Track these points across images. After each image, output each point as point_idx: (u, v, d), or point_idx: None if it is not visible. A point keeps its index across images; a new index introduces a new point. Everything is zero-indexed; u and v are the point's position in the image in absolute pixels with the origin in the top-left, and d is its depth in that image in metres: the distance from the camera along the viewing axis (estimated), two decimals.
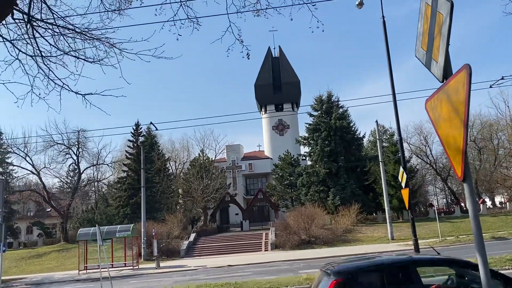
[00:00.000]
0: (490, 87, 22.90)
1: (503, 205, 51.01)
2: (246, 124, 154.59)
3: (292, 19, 7.02)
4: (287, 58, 66.79)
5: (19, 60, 5.93)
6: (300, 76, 67.10)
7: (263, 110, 66.13)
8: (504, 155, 50.29)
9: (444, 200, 71.81)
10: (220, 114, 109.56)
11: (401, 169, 17.32)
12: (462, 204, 48.94)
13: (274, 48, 68.48)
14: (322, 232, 35.48)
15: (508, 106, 53.85)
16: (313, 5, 6.64)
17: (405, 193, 16.98)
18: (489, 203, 54.38)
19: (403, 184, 17.21)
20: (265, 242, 37.22)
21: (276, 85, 64.83)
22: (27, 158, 47.33)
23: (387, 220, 34.59)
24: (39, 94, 6.13)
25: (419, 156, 54.64)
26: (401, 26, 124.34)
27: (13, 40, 5.78)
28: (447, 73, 3.26)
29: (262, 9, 6.55)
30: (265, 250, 35.33)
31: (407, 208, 17.01)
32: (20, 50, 5.83)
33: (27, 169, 49.23)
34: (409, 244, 27.14)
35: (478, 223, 3.03)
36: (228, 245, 37.50)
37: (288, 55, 68.16)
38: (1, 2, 4.16)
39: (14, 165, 49.90)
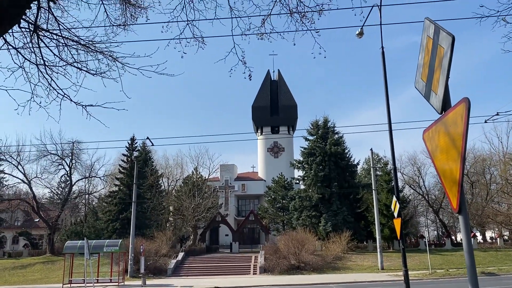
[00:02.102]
0: (485, 122, 23.16)
1: (494, 240, 50.91)
2: (241, 144, 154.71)
3: (295, 44, 7.14)
4: (286, 81, 67.48)
5: (23, 68, 5.97)
6: (297, 99, 67.76)
7: (259, 131, 66.34)
8: (496, 190, 50.46)
9: (435, 232, 71.60)
10: (216, 133, 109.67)
11: (394, 199, 17.28)
12: (453, 237, 48.80)
13: (274, 72, 69.26)
14: (312, 258, 35.13)
15: (501, 142, 54.57)
16: (316, 32, 6.76)
17: (397, 223, 16.90)
18: (479, 237, 54.23)
19: (395, 214, 17.15)
20: (254, 265, 36.76)
21: (273, 107, 65.28)
22: (19, 167, 46.93)
23: (378, 249, 34.33)
24: (40, 103, 6.14)
25: (411, 186, 54.73)
26: (398, 57, 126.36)
27: (18, 48, 5.82)
28: (446, 105, 3.32)
29: (266, 33, 6.67)
30: (253, 274, 34.87)
31: (398, 238, 16.92)
32: (25, 58, 5.87)
33: (18, 178, 48.92)
34: (398, 275, 26.93)
35: (471, 255, 3.02)
36: (217, 266, 36.99)
37: (286, 78, 68.94)
38: (11, 11, 4.20)
39: (5, 173, 49.46)
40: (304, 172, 46.67)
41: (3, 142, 68.71)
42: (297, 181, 50.35)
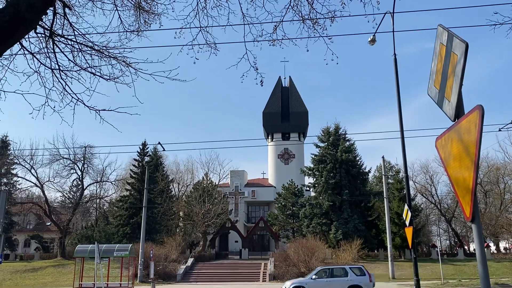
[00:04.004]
0: (499, 130, 22.89)
1: (508, 251, 50.08)
2: (251, 150, 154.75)
3: (308, 50, 7.15)
4: (297, 88, 67.49)
5: (38, 72, 6.07)
6: (308, 105, 67.47)
7: (269, 138, 66.33)
8: (511, 200, 49.69)
9: (448, 241, 70.59)
10: (227, 139, 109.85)
11: (406, 207, 17.13)
12: (466, 247, 48.08)
13: (285, 78, 69.34)
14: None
15: None
16: (329, 38, 6.77)
17: (408, 232, 16.75)
18: (493, 248, 53.37)
19: (407, 222, 17.00)
20: (263, 272, 36.59)
21: (284, 114, 65.26)
22: (32, 171, 47.48)
23: (389, 258, 33.96)
24: (54, 107, 6.23)
25: (424, 195, 54.15)
26: (411, 64, 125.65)
27: (34, 52, 5.92)
28: (459, 112, 3.29)
29: (278, 40, 6.69)
30: (263, 281, 34.70)
31: (410, 247, 16.74)
32: (40, 62, 5.97)
33: (31, 181, 49.29)
34: (410, 284, 26.58)
35: (485, 265, 2.98)
36: (226, 273, 36.90)
37: (297, 85, 68.91)
38: (28, 17, 4.28)
39: (18, 177, 50.08)
40: (314, 179, 46.46)
41: (17, 146, 69.59)
42: (308, 188, 50.10)
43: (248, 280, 34.58)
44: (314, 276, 22.69)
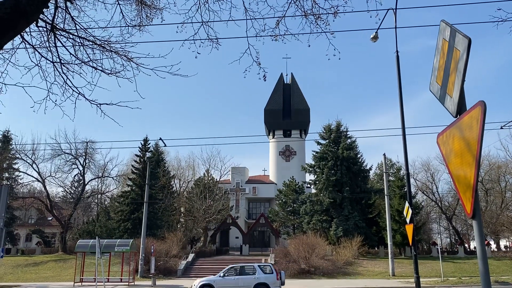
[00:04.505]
0: (501, 128, 22.83)
1: (508, 249, 50.07)
2: (253, 147, 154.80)
3: (310, 46, 7.12)
4: (299, 85, 67.39)
5: (39, 66, 6.06)
6: (310, 103, 67.55)
7: (271, 134, 66.30)
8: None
9: (448, 239, 70.61)
10: (228, 135, 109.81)
11: (407, 204, 17.13)
12: (466, 245, 48.09)
13: (287, 75, 69.25)
14: (322, 263, 34.93)
15: None
16: (331, 34, 6.74)
17: (409, 229, 16.75)
18: (493, 246, 53.34)
19: (407, 220, 17.00)
20: None
21: (285, 111, 65.21)
22: (34, 166, 47.60)
23: (389, 256, 33.98)
24: (55, 101, 6.23)
25: (425, 192, 54.12)
26: (413, 61, 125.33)
27: (35, 45, 5.92)
28: (461, 108, 3.28)
29: (280, 35, 6.66)
30: None
31: (410, 244, 16.75)
32: (42, 55, 5.97)
33: (32, 176, 49.44)
34: (410, 282, 26.65)
35: (485, 261, 2.97)
36: None
37: (299, 82, 68.82)
38: (29, 9, 4.27)
39: (20, 171, 50.21)
40: (315, 176, 46.47)
41: (18, 141, 69.73)
42: (309, 185, 50.10)
43: None
44: (222, 274, 22.84)
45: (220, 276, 22.76)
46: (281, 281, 22.63)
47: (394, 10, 15.11)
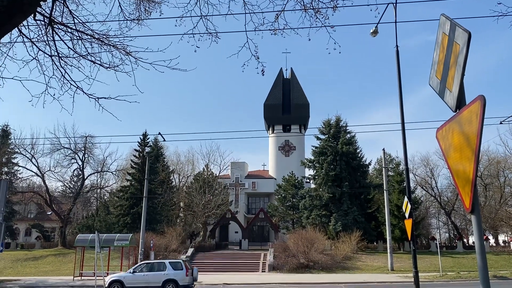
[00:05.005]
0: (500, 123, 22.82)
1: (506, 244, 50.25)
2: (252, 142, 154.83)
3: (310, 39, 7.09)
4: (298, 80, 67.27)
5: (37, 59, 6.03)
6: (310, 98, 67.40)
7: (270, 129, 66.29)
8: (510, 194, 49.75)
9: (447, 234, 70.81)
10: (228, 130, 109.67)
11: (406, 199, 17.15)
12: (465, 240, 48.23)
13: (286, 70, 69.12)
14: (321, 257, 35.03)
15: None
16: (331, 28, 6.71)
17: (408, 224, 16.79)
18: (492, 241, 53.51)
19: (406, 214, 17.03)
20: (263, 263, 36.79)
21: (285, 106, 65.16)
22: (33, 160, 47.58)
23: (388, 250, 34.10)
24: (54, 95, 6.20)
25: (424, 188, 54.21)
26: (413, 56, 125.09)
27: (33, 39, 5.89)
28: (460, 103, 3.25)
29: (279, 29, 6.63)
30: (262, 271, 34.88)
31: (409, 239, 16.79)
32: (39, 49, 5.93)
33: (32, 171, 49.54)
34: (408, 276, 26.71)
35: (484, 256, 2.97)
36: (226, 263, 37.08)
37: (299, 77, 68.68)
38: (26, 1, 4.24)
39: (19, 166, 50.20)
40: (315, 171, 46.51)
41: (17, 135, 69.62)
42: (308, 180, 50.17)
43: (248, 271, 34.77)
44: (132, 271, 22.91)
45: (130, 272, 22.83)
46: (193, 277, 22.75)
47: (394, 4, 15.04)
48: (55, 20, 5.90)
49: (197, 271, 24.05)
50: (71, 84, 6.18)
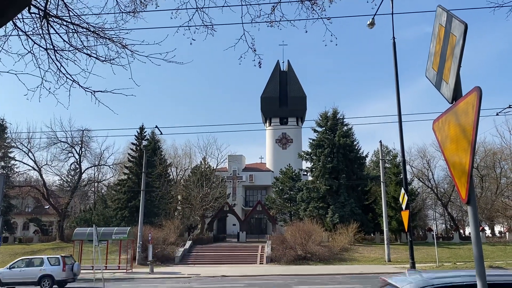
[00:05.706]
0: (497, 114, 22.92)
1: (502, 234, 50.63)
2: (249, 135, 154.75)
3: (306, 31, 7.07)
4: (295, 72, 67.13)
5: (32, 53, 6.00)
6: (307, 90, 67.33)
7: (267, 122, 66.26)
8: (506, 185, 50.02)
9: (443, 225, 71.25)
10: (225, 123, 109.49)
11: (403, 191, 17.26)
12: (461, 231, 48.56)
13: (283, 62, 68.91)
14: (319, 249, 35.23)
15: None
16: (328, 19, 6.69)
17: (405, 215, 16.91)
18: (488, 231, 53.89)
19: (403, 206, 17.15)
20: (260, 255, 36.98)
21: (282, 98, 65.08)
22: (30, 154, 47.49)
23: (385, 242, 34.33)
24: (49, 88, 6.18)
25: (420, 179, 54.45)
26: (410, 48, 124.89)
27: (28, 32, 5.85)
28: (457, 94, 3.26)
29: (276, 21, 6.61)
30: (260, 263, 35.08)
31: (406, 230, 16.91)
32: (34, 42, 5.90)
33: (28, 165, 49.33)
34: (405, 267, 26.89)
35: (479, 246, 2.99)
36: (224, 255, 37.27)
37: (296, 69, 68.50)
38: None
39: (16, 160, 50.07)
40: (312, 164, 46.61)
41: (13, 129, 69.34)
42: (305, 173, 50.26)
43: (246, 263, 34.97)
44: (10, 266, 22.87)
45: (7, 268, 22.77)
46: (72, 272, 22.83)
47: None
48: (50, 13, 5.85)
49: (78, 266, 23.91)
50: (67, 77, 6.16)
